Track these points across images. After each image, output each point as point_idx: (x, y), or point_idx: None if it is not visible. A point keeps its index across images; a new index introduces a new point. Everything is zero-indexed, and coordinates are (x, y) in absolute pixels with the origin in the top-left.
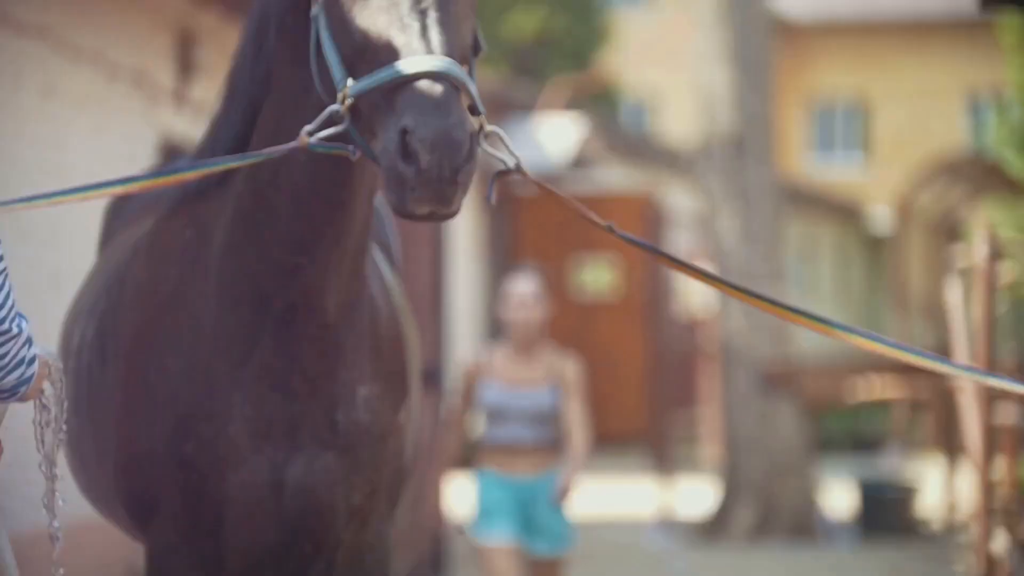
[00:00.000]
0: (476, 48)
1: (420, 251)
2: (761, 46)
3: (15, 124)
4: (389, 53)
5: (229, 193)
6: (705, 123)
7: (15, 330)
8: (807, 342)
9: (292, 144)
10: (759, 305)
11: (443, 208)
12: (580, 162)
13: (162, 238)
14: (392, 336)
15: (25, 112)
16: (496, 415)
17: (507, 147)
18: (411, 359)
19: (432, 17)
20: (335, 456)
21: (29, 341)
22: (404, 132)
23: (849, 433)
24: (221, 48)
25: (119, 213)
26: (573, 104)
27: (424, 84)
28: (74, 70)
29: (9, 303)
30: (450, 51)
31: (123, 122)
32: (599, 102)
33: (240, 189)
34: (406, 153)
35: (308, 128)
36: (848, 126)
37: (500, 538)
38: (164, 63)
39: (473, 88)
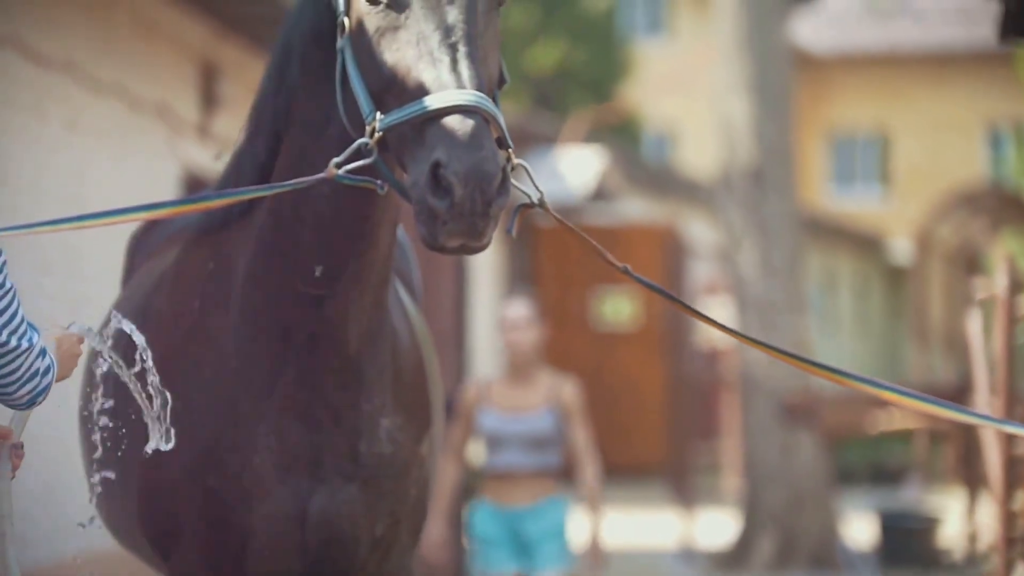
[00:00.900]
0: (500, 81)
1: (441, 282)
2: (781, 78)
3: (39, 156)
4: (419, 87)
5: (252, 225)
6: (725, 155)
7: (25, 345)
8: None
9: (320, 175)
10: (785, 359)
11: (474, 241)
12: (600, 194)
13: (185, 270)
14: (414, 367)
15: (49, 144)
16: (494, 442)
17: (532, 181)
18: (433, 390)
19: (462, 51)
20: (358, 487)
21: (43, 352)
22: (436, 166)
23: (869, 465)
24: (244, 81)
25: (141, 247)
26: (593, 136)
27: (456, 118)
28: (97, 103)
29: (17, 320)
30: (479, 85)
31: (146, 154)
32: (620, 134)
33: (263, 221)
34: (438, 187)
35: (336, 160)
36: (868, 158)
37: (501, 569)
38: (187, 96)
39: (502, 121)
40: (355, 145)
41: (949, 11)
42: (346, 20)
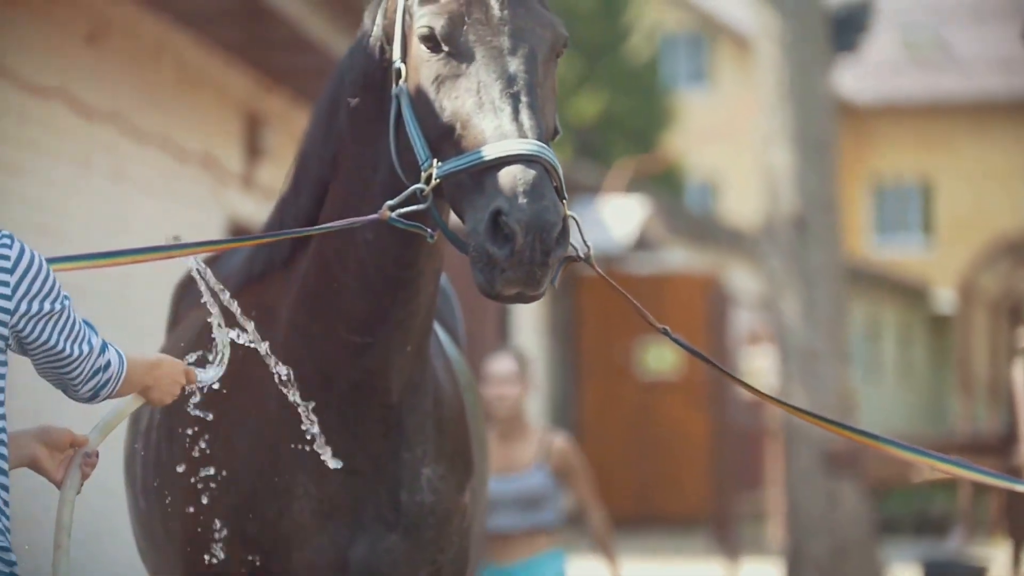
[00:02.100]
0: (554, 131)
1: (485, 330)
2: (824, 127)
3: (86, 206)
4: (480, 135)
5: (294, 273)
6: (768, 204)
7: (85, 350)
8: (871, 420)
9: (373, 216)
10: (829, 428)
11: (531, 290)
12: (643, 243)
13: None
14: (456, 416)
15: (95, 194)
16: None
17: (580, 234)
18: (476, 439)
19: (523, 101)
20: (399, 536)
21: (103, 348)
22: (497, 213)
23: (913, 515)
24: (288, 132)
25: (186, 296)
26: (636, 186)
27: (518, 168)
28: (143, 154)
29: (76, 329)
30: (540, 135)
31: (191, 204)
32: (663, 183)
33: (306, 269)
34: (498, 234)
35: (391, 203)
36: (911, 206)
37: None
38: (232, 146)
39: (561, 172)
40: (410, 190)
41: (991, 60)
42: (403, 67)
